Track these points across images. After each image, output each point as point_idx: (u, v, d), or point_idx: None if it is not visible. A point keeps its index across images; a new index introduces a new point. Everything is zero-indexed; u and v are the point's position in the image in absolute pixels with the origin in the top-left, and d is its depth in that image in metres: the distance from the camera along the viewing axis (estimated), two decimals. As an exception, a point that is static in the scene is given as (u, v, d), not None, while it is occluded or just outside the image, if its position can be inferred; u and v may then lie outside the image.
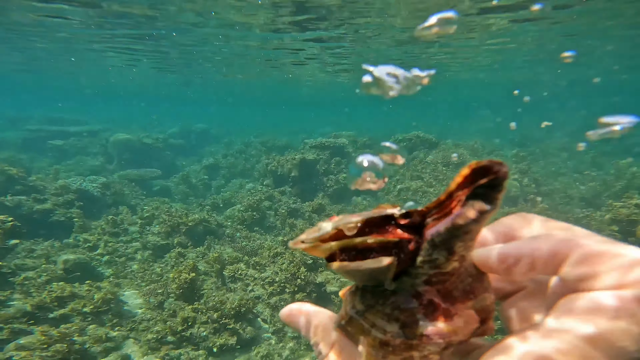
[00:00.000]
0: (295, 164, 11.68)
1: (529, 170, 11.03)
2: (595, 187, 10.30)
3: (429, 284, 0.37)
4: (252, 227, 9.04)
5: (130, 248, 8.00)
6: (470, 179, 0.34)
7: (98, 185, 10.53)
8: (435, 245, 0.35)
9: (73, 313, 5.38)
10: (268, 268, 6.58)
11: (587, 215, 7.64)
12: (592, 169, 12.68)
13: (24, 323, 5.03)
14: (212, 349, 4.87)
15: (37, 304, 5.27)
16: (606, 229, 6.30)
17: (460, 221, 0.33)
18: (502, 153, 14.47)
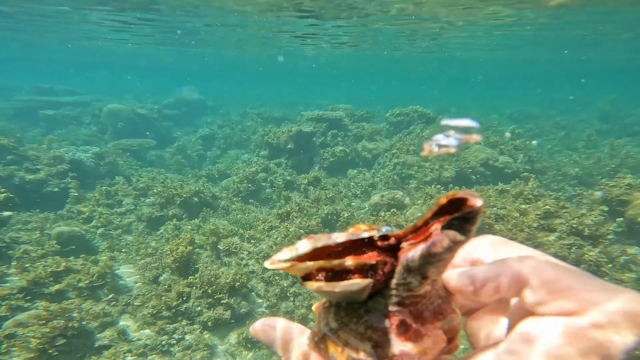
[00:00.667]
0: (291, 136, 11.45)
1: (524, 147, 10.90)
2: (588, 165, 10.25)
3: (402, 305, 0.38)
4: (247, 199, 8.94)
5: (124, 220, 7.85)
6: (447, 208, 0.34)
7: (91, 155, 10.25)
8: (410, 270, 0.36)
9: (69, 288, 5.30)
10: (263, 242, 6.53)
11: (579, 194, 7.62)
12: (587, 147, 12.60)
13: (21, 299, 4.95)
14: (207, 324, 4.84)
15: (32, 280, 5.16)
16: (596, 209, 6.27)
17: (435, 249, 0.33)
18: (499, 129, 14.28)
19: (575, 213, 5.43)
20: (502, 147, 10.96)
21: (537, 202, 6.11)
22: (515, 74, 41.50)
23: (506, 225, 5.50)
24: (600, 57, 22.03)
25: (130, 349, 4.47)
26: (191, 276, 5.35)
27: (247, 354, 4.62)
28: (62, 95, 20.07)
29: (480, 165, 9.74)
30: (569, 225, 5.20)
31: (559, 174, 9.95)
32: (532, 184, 7.31)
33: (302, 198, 7.91)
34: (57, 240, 6.26)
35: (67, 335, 4.27)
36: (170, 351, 4.54)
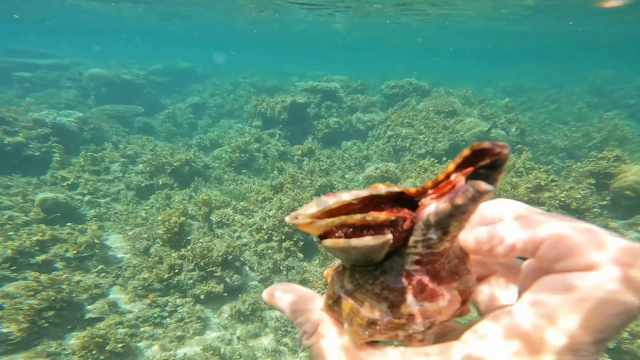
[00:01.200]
0: (285, 107, 11.06)
1: (517, 120, 10.81)
2: (577, 138, 10.24)
3: (419, 264, 0.36)
4: (239, 169, 8.69)
5: (112, 188, 7.52)
6: (469, 161, 0.32)
7: (74, 119, 9.67)
8: (431, 224, 0.34)
9: (56, 258, 5.06)
10: (256, 214, 6.39)
11: (567, 167, 7.62)
12: (577, 120, 12.56)
13: (7, 269, 4.71)
14: (199, 297, 4.73)
15: (17, 249, 4.88)
16: (584, 181, 6.28)
17: (459, 201, 0.31)
18: (493, 102, 14.10)
19: (564, 186, 5.41)
20: (495, 120, 10.85)
21: (528, 175, 6.07)
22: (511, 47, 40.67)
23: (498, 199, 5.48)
24: (597, 30, 21.57)
25: (121, 321, 4.35)
26: (183, 248, 5.16)
27: (240, 326, 4.56)
28: (36, 57, 18.83)
29: (473, 137, 9.63)
30: (557, 199, 5.19)
31: (548, 146, 9.93)
32: (525, 156, 7.26)
33: (296, 169, 7.72)
34: (41, 207, 5.96)
35: (57, 307, 4.11)
36: (163, 323, 4.45)
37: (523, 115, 11.73)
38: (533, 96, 17.04)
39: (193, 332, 4.36)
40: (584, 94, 17.38)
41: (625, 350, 3.44)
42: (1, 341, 3.84)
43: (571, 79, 21.64)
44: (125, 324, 4.33)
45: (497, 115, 11.15)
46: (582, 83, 19.19)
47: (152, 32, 41.91)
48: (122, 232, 6.09)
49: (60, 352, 3.84)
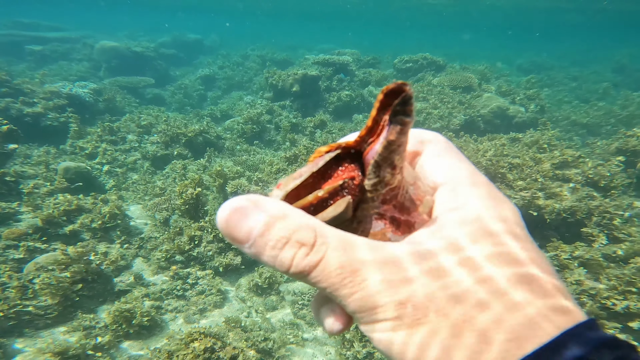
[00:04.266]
0: (297, 79, 10.82)
1: (537, 96, 10.45)
2: (599, 116, 9.90)
3: (385, 203, 0.38)
4: (251, 140, 8.62)
5: (129, 157, 7.53)
6: (387, 102, 0.36)
7: (89, 90, 9.63)
8: (379, 164, 0.36)
9: (82, 229, 5.09)
10: (270, 185, 6.38)
11: (592, 143, 7.40)
12: (600, 99, 12.10)
13: (38, 240, 4.74)
14: (218, 269, 4.76)
15: (46, 219, 4.91)
16: (613, 158, 6.09)
17: (392, 137, 0.34)
18: (510, 79, 13.62)
19: (593, 163, 5.26)
20: (513, 96, 10.50)
21: (553, 151, 5.90)
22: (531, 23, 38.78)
23: (520, 175, 5.33)
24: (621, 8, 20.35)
25: (147, 293, 4.41)
26: (202, 219, 5.17)
27: (257, 299, 4.60)
28: (46, 31, 18.55)
29: (490, 113, 9.36)
30: (584, 175, 5.05)
31: (569, 123, 9.64)
32: (550, 133, 7.02)
33: (309, 141, 7.64)
34: (64, 176, 6.03)
35: (88, 279, 4.16)
36: (185, 296, 4.50)
37: (542, 92, 11.33)
38: (552, 74, 16.39)
39: (214, 305, 4.42)
40: (606, 72, 16.66)
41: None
42: (40, 315, 3.91)
43: (593, 57, 20.69)
44: (151, 297, 4.39)
45: (515, 92, 10.78)
46: (605, 62, 18.35)
47: (161, 3, 40.74)
48: (141, 203, 6.14)
49: (95, 326, 3.89)
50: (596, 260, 3.98)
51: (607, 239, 4.43)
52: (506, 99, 10.17)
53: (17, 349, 3.60)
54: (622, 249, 4.17)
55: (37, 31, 18.16)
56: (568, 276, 3.89)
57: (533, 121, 9.05)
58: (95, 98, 9.64)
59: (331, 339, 4.04)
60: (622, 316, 3.47)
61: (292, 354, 3.87)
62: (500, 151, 5.74)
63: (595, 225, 4.51)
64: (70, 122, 7.85)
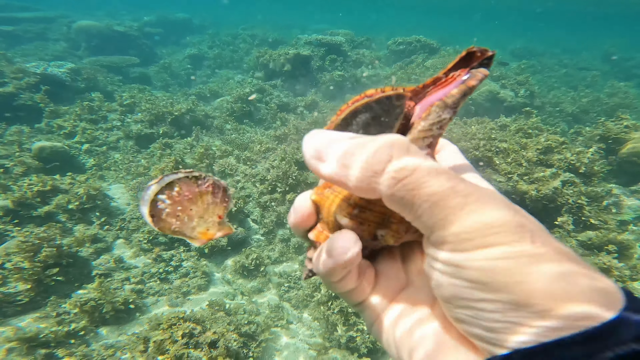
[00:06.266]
0: (288, 59, 10.52)
1: (527, 82, 10.38)
2: (586, 103, 9.91)
3: (430, 147, 0.38)
4: (241, 119, 8.38)
5: (111, 136, 7.19)
6: (461, 64, 0.38)
7: (66, 70, 9.10)
8: (447, 105, 0.36)
9: (58, 210, 4.81)
10: (259, 164, 6.21)
11: (576, 131, 7.39)
12: (588, 87, 12.10)
13: (9, 223, 4.45)
14: (204, 250, 4.61)
15: (18, 200, 4.61)
16: (594, 145, 6.08)
17: (473, 82, 0.36)
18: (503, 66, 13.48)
19: (574, 149, 5.23)
20: (504, 81, 10.40)
21: (539, 136, 5.86)
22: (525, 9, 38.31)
23: (505, 159, 5.29)
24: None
25: (127, 277, 4.24)
26: None
27: (243, 281, 4.47)
28: (18, 11, 17.44)
29: (481, 97, 9.27)
30: (567, 161, 5.03)
31: (556, 110, 9.63)
32: (534, 120, 6.99)
33: (299, 120, 7.45)
34: (38, 156, 5.71)
35: (62, 263, 3.94)
36: (168, 279, 4.34)
37: (533, 78, 11.26)
38: (543, 60, 16.30)
39: (198, 288, 4.28)
40: (595, 60, 16.65)
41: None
42: (10, 302, 3.69)
43: (584, 46, 20.63)
44: (131, 280, 4.22)
45: (506, 77, 10.67)
46: (595, 50, 18.33)
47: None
48: (123, 182, 5.90)
49: (70, 311, 3.70)
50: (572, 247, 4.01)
51: (584, 226, 4.45)
52: (497, 83, 10.07)
53: None
54: (597, 237, 4.19)
55: (8, 12, 17.00)
56: None
57: (522, 106, 9.01)
58: (74, 77, 9.14)
59: (315, 322, 3.98)
60: None
61: (276, 337, 3.82)
62: (488, 135, 5.67)
63: (569, 212, 4.51)
64: (40, 103, 7.43)
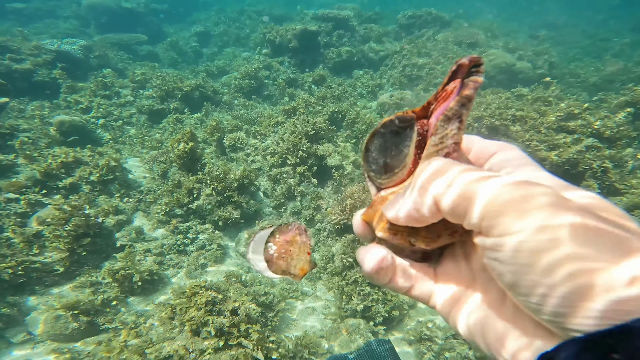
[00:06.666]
0: (295, 34, 10.30)
1: (546, 52, 9.96)
2: (612, 72, 9.46)
3: (449, 156, 0.40)
4: (249, 95, 8.35)
5: (124, 112, 7.30)
6: (454, 76, 0.40)
7: (79, 47, 9.19)
8: (449, 117, 0.39)
9: (81, 182, 4.98)
10: (269, 138, 6.21)
11: (600, 98, 7.12)
12: (616, 56, 11.51)
13: (38, 193, 4.66)
14: (218, 223, 4.68)
15: (44, 171, 4.80)
16: (621, 111, 5.87)
17: (467, 92, 0.37)
18: (517, 36, 12.94)
19: (599, 114, 5.06)
20: (521, 52, 10.01)
21: (560, 104, 5.67)
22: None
23: (523, 127, 5.15)
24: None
25: (149, 248, 4.37)
26: (200, 172, 5.03)
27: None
28: None
29: (496, 69, 8.97)
30: (590, 127, 4.88)
31: (578, 81, 9.25)
32: (554, 89, 6.76)
33: (308, 95, 7.37)
34: (59, 130, 5.86)
35: (90, 234, 4.09)
36: (186, 251, 4.45)
37: (554, 49, 10.78)
38: (565, 31, 15.53)
39: (214, 260, 4.38)
40: (625, 30, 15.73)
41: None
42: (48, 272, 3.89)
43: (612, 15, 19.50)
44: (152, 252, 4.35)
45: (523, 48, 10.27)
46: (625, 19, 17.31)
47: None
48: (138, 156, 6.01)
49: (101, 282, 3.88)
50: None
51: (608, 191, 4.35)
52: (513, 55, 9.70)
53: (31, 306, 3.66)
54: (623, 202, 4.09)
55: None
56: None
57: (540, 77, 8.69)
58: (86, 54, 9.23)
59: (329, 293, 4.05)
60: None
61: (291, 307, 3.89)
62: (505, 104, 5.53)
63: (593, 177, 4.42)
64: (59, 79, 7.54)
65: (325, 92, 7.20)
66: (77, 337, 3.41)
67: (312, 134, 5.68)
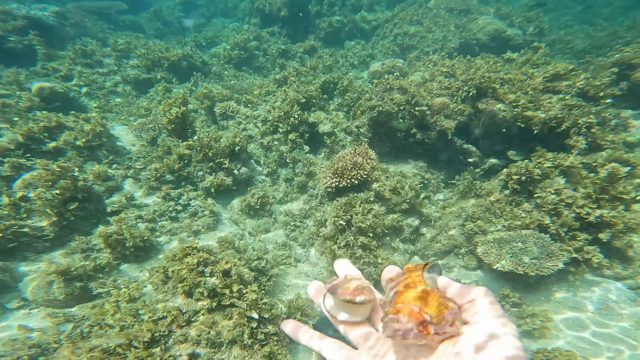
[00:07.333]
0: (285, 2, 9.91)
1: (537, 18, 9.81)
2: (601, 38, 9.39)
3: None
4: (239, 66, 8.13)
5: (109, 81, 7.07)
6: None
7: (51, 13, 8.67)
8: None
9: (66, 146, 4.85)
10: (260, 106, 6.11)
11: (587, 60, 7.11)
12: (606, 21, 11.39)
13: (22, 157, 4.53)
14: (210, 190, 4.63)
15: (27, 134, 4.64)
16: (605, 72, 5.89)
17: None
18: (510, 3, 12.66)
19: (585, 75, 5.08)
20: (512, 18, 9.84)
21: (546, 66, 5.66)
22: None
23: (510, 89, 5.15)
24: None
25: (140, 214, 4.31)
26: (190, 139, 4.93)
27: (250, 221, 4.51)
28: None
29: (486, 36, 8.84)
30: (574, 87, 4.90)
31: (567, 47, 9.20)
32: (541, 52, 6.73)
33: (299, 65, 7.21)
34: (39, 95, 5.66)
35: (79, 198, 4.00)
36: (178, 217, 4.39)
37: (545, 16, 10.60)
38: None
39: (207, 227, 4.33)
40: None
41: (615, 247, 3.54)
42: (38, 237, 3.83)
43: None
44: (144, 218, 4.30)
45: (514, 14, 10.08)
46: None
47: None
48: (126, 123, 5.88)
49: (93, 248, 3.84)
50: (576, 168, 3.97)
51: (590, 147, 4.43)
52: (504, 21, 9.54)
53: (23, 271, 3.64)
54: (603, 157, 4.16)
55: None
56: (548, 186, 3.93)
57: (530, 44, 8.61)
58: (60, 22, 8.71)
59: (323, 257, 4.07)
60: (593, 227, 3.51)
61: (285, 273, 3.89)
62: (493, 68, 5.50)
63: (577, 133, 4.47)
64: (36, 45, 7.16)
65: (316, 62, 7.04)
66: (72, 302, 3.43)
67: (304, 102, 5.61)
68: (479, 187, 4.40)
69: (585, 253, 3.45)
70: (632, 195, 3.52)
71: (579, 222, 3.59)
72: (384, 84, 4.96)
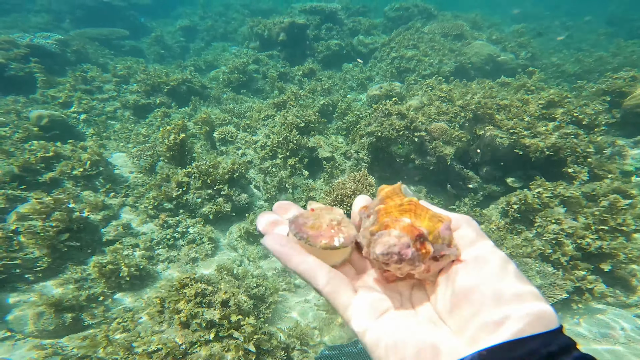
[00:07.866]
0: (283, 28, 10.17)
1: (528, 44, 10.12)
2: (589, 63, 9.70)
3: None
4: (238, 89, 8.22)
5: (108, 106, 7.11)
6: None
7: (54, 41, 8.83)
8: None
9: (63, 177, 4.80)
10: (259, 131, 6.13)
11: (580, 86, 7.28)
12: (593, 47, 11.79)
13: (16, 189, 4.46)
14: (209, 216, 4.59)
15: (22, 165, 4.61)
16: (598, 99, 6.02)
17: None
18: (501, 28, 13.09)
19: (578, 102, 5.17)
20: (505, 43, 10.14)
21: (541, 92, 5.77)
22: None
23: (507, 115, 5.23)
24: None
25: (137, 243, 4.26)
26: (189, 165, 4.91)
27: (249, 247, 4.48)
28: None
29: (481, 60, 9.06)
30: (570, 114, 4.98)
31: (558, 71, 9.44)
32: (536, 77, 6.88)
33: (298, 88, 7.31)
34: (37, 124, 5.64)
35: (73, 229, 3.92)
36: (176, 245, 4.34)
37: (535, 41, 10.96)
38: (545, 23, 15.80)
39: (205, 254, 4.28)
40: (600, 22, 16.11)
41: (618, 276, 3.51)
42: (30, 268, 3.73)
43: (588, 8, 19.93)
44: (141, 246, 4.24)
45: (506, 39, 10.40)
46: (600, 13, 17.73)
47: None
48: (124, 150, 5.85)
49: (87, 278, 3.76)
50: (576, 198, 3.97)
51: (589, 176, 4.46)
52: (497, 46, 9.83)
53: (12, 302, 3.51)
54: (602, 187, 4.17)
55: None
56: (549, 215, 3.91)
57: (523, 68, 8.84)
58: (63, 49, 8.87)
59: None
60: (594, 257, 3.49)
61: (284, 299, 3.84)
62: (489, 93, 5.60)
63: (575, 162, 4.51)
64: (36, 72, 7.23)
65: (315, 85, 7.14)
66: (62, 333, 3.30)
67: (303, 127, 5.64)
68: (479, 214, 4.38)
69: (588, 283, 3.40)
70: (632, 227, 3.51)
71: (580, 252, 3.56)
72: (383, 110, 5.01)
